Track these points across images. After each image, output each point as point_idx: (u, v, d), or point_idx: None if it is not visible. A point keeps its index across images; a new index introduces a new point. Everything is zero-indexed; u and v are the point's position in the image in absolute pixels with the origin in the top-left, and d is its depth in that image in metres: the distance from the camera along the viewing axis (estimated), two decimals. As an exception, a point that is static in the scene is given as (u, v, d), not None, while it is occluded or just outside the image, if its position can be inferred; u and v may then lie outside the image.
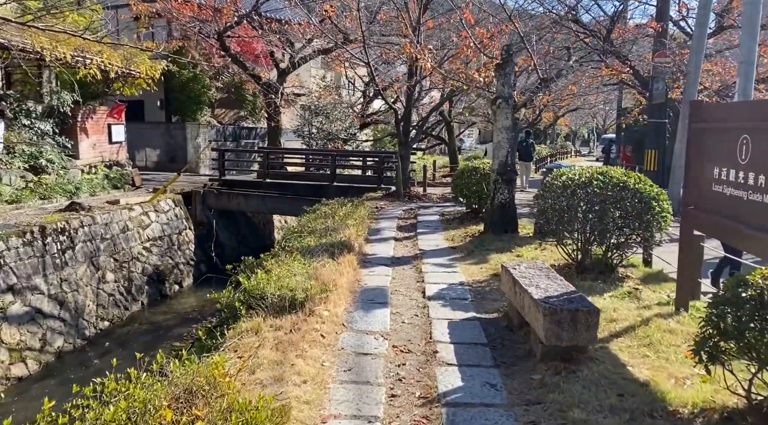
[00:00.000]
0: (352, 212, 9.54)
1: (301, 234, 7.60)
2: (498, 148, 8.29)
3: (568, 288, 4.30)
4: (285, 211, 16.85)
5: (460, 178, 10.69)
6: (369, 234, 9.04)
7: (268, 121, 21.77)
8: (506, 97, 8.17)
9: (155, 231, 13.59)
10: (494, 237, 8.22)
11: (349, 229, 7.76)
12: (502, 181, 8.24)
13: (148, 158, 23.00)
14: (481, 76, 8.61)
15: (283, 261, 6.05)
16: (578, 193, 6.04)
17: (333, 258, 6.47)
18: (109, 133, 16.05)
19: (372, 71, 12.35)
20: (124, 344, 10.61)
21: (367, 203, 12.84)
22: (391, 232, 9.39)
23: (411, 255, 7.75)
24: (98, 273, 11.34)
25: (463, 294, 5.78)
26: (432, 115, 15.81)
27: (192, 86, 21.65)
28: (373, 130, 28.28)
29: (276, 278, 5.28)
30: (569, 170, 6.44)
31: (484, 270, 6.75)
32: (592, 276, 6.05)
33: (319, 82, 25.26)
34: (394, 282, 6.32)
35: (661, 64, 14.19)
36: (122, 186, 15.95)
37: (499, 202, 8.28)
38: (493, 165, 8.39)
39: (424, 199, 14.59)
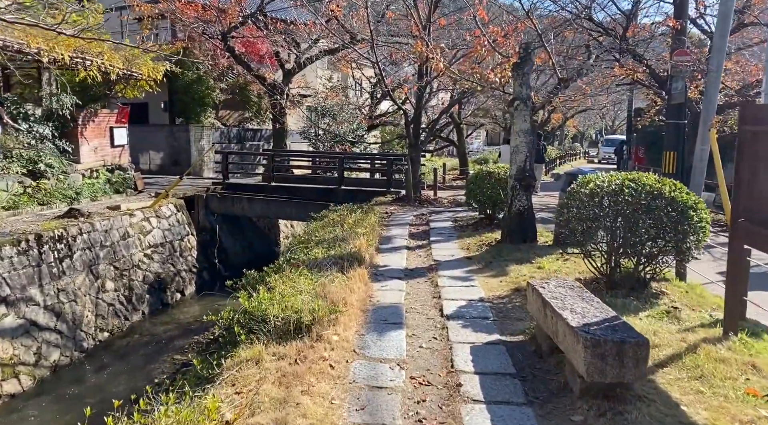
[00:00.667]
0: (362, 219, 9.08)
1: (308, 244, 7.14)
2: (515, 153, 7.81)
3: (607, 312, 3.82)
4: (291, 216, 16.42)
5: (473, 182, 10.21)
6: (380, 243, 8.57)
7: (274, 123, 21.37)
8: (524, 99, 7.69)
9: (156, 237, 13.17)
10: (512, 246, 7.74)
11: (359, 239, 7.30)
12: (521, 187, 7.76)
13: (152, 161, 22.64)
14: (497, 76, 8.13)
15: (287, 276, 5.60)
16: (608, 201, 5.55)
17: (342, 271, 6.01)
18: (111, 136, 15.66)
19: (380, 71, 11.89)
20: (124, 356, 10.19)
21: (376, 208, 12.38)
22: (403, 240, 8.92)
23: (425, 266, 7.28)
24: (97, 282, 10.92)
25: (483, 312, 5.30)
26: (442, 117, 15.33)
27: (196, 88, 21.26)
28: (381, 131, 27.83)
29: (280, 297, 4.83)
30: (596, 176, 5.95)
31: (504, 283, 6.27)
32: (623, 293, 5.56)
33: (325, 83, 24.83)
34: (409, 298, 5.85)
35: (681, 63, 13.65)
36: (124, 190, 15.55)
37: (517, 209, 7.80)
38: (511, 170, 7.91)
39: (435, 203, 14.11)
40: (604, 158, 41.11)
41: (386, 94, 16.19)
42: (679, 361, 3.97)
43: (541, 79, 25.28)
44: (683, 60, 13.93)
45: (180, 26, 20.45)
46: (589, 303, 4.03)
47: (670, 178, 14.19)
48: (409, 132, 13.58)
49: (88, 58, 12.57)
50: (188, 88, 21.32)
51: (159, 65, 15.07)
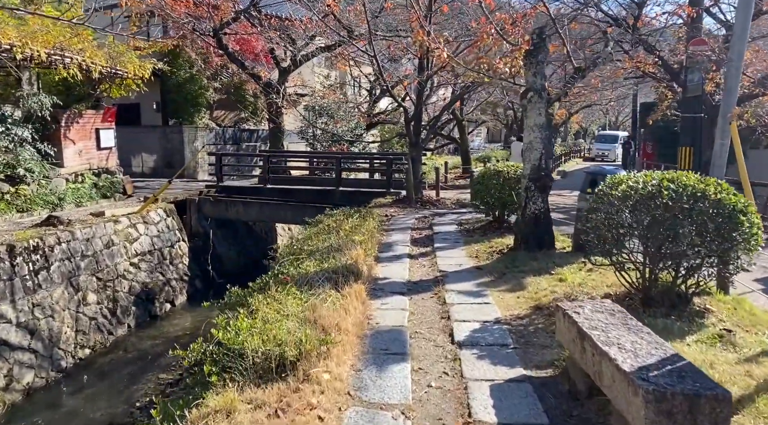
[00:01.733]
0: (360, 225, 8.32)
1: (299, 256, 6.37)
2: (529, 150, 7.04)
3: (664, 348, 3.05)
4: (287, 219, 15.66)
5: (480, 182, 9.44)
6: (379, 251, 7.81)
7: (270, 123, 20.62)
8: (539, 90, 6.92)
9: (144, 245, 12.42)
10: (527, 254, 6.97)
11: (357, 249, 6.54)
12: (536, 188, 6.99)
13: (145, 164, 21.92)
14: (507, 66, 7.36)
15: (273, 296, 4.83)
16: (644, 205, 4.79)
17: (337, 288, 5.25)
18: (97, 138, 14.90)
19: (379, 66, 11.12)
20: (106, 376, 9.43)
21: (375, 211, 11.62)
22: (405, 247, 8.16)
23: (430, 278, 6.51)
24: (78, 295, 10.16)
25: (502, 337, 4.54)
26: (444, 114, 14.56)
27: (189, 87, 20.52)
28: (380, 130, 27.05)
29: (261, 325, 4.07)
30: (628, 176, 5.18)
31: (522, 300, 5.50)
32: (662, 311, 4.80)
33: (322, 81, 24.08)
34: (413, 319, 5.09)
35: (698, 53, 12.87)
36: (112, 195, 14.81)
37: (532, 213, 7.03)
38: (524, 169, 7.14)
39: (438, 204, 13.35)
40: (598, 156, 38.88)
41: (385, 90, 15.45)
42: (751, 405, 3.20)
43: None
44: (700, 49, 13.17)
45: (171, 23, 19.72)
46: (638, 335, 3.26)
47: None
48: (409, 130, 12.81)
49: (67, 56, 11.81)
50: (181, 87, 20.58)
51: (146, 63, 14.31)
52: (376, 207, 12.82)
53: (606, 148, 38.48)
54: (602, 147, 39.08)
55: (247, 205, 15.15)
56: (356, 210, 9.99)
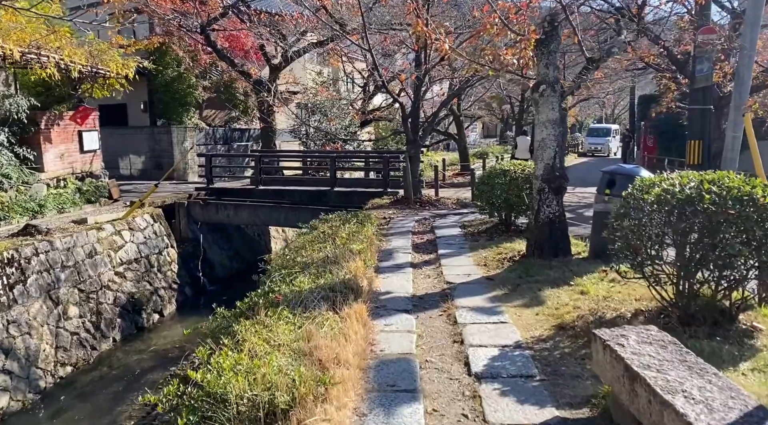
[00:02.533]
0: (357, 231, 7.72)
1: (292, 270, 5.77)
2: (542, 148, 6.45)
3: (742, 398, 2.48)
4: (280, 222, 15.05)
5: (485, 183, 8.86)
6: (380, 260, 7.22)
7: (261, 122, 19.99)
8: (552, 82, 6.34)
9: (130, 252, 11.79)
10: (541, 262, 6.39)
11: (355, 260, 5.94)
12: (550, 189, 6.41)
13: (133, 166, 21.28)
14: (514, 57, 6.76)
15: (262, 321, 4.24)
16: (682, 211, 4.21)
17: (334, 309, 4.66)
18: (80, 140, 14.24)
19: (374, 59, 10.52)
20: (88, 396, 8.83)
21: (373, 214, 11.02)
22: (407, 255, 7.57)
23: (437, 291, 5.93)
24: (58, 308, 9.54)
25: (525, 366, 3.96)
26: (442, 110, 13.97)
27: (176, 86, 19.86)
28: (374, 127, 26.44)
29: (248, 361, 3.47)
30: (661, 177, 4.60)
31: (542, 317, 4.92)
32: (704, 330, 4.23)
33: (315, 78, 23.43)
34: (422, 343, 4.50)
35: (707, 42, 12.31)
36: (97, 199, 14.16)
37: (547, 217, 6.45)
38: (536, 168, 6.56)
39: (438, 204, 12.76)
40: (590, 150, 36.89)
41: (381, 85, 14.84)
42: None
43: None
44: (709, 38, 12.61)
45: (157, 20, 19.04)
46: (704, 377, 2.68)
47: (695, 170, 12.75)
48: (407, 127, 12.21)
49: (44, 54, 11.15)
50: (168, 86, 19.93)
51: (129, 61, 13.65)
52: (373, 208, 12.23)
53: (599, 142, 36.72)
54: (594, 141, 37.12)
55: (238, 207, 14.54)
56: (353, 214, 9.39)
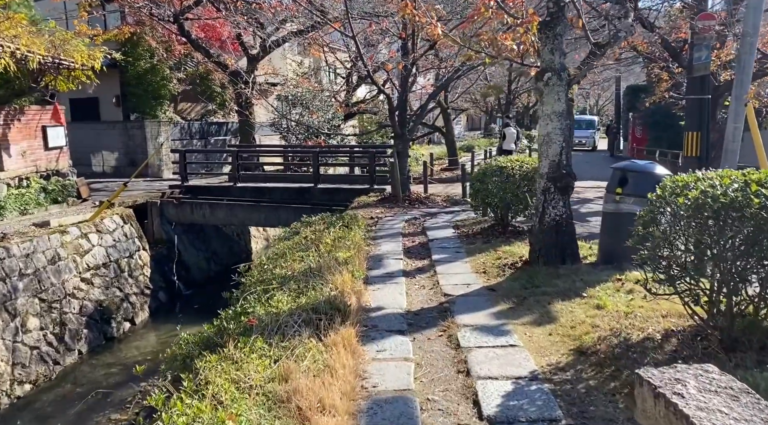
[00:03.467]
0: (343, 236, 7.02)
1: (270, 285, 5.06)
2: (547, 144, 5.81)
3: None
4: (260, 222, 14.29)
5: (480, 181, 8.21)
6: (369, 267, 6.54)
7: (239, 115, 19.15)
8: (558, 70, 5.69)
9: (97, 257, 10.97)
10: (547, 270, 5.76)
11: (342, 272, 5.25)
12: (556, 189, 5.76)
13: (106, 162, 20.32)
14: (514, 42, 6.09)
15: (231, 356, 3.54)
16: (726, 217, 3.59)
17: (318, 334, 3.98)
18: (44, 137, 13.31)
19: (358, 47, 9.79)
20: (48, 417, 8.05)
21: (360, 214, 10.34)
22: (398, 261, 6.89)
23: (434, 305, 5.27)
24: (15, 321, 8.73)
25: (547, 405, 3.31)
26: (431, 102, 13.29)
27: (150, 78, 18.93)
28: (359, 120, 25.68)
29: (210, 413, 2.78)
30: (692, 177, 3.97)
31: (556, 339, 4.28)
32: (752, 357, 3.61)
33: (296, 69, 22.60)
34: (421, 375, 3.83)
35: (706, 28, 11.76)
36: (64, 199, 13.27)
37: (553, 220, 5.81)
38: (540, 166, 5.92)
39: (428, 202, 12.10)
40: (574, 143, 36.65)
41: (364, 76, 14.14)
42: None
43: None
44: (708, 24, 12.08)
45: (128, 9, 18.08)
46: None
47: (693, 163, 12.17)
48: (393, 120, 11.52)
49: (-3, 43, 10.24)
50: (141, 79, 18.99)
51: (96, 51, 12.74)
52: (359, 207, 11.55)
53: (582, 135, 33.87)
54: (577, 133, 35.82)
55: (215, 207, 13.74)
56: (339, 216, 8.68)
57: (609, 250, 5.97)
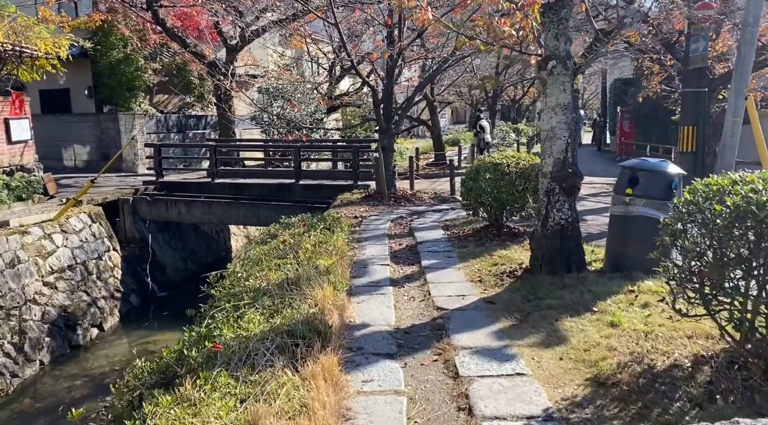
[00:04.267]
0: (325, 240, 6.42)
1: (241, 300, 4.45)
2: (550, 139, 5.25)
3: None
4: (239, 220, 13.61)
5: (472, 179, 7.65)
6: (353, 274, 5.95)
7: (218, 108, 18.40)
8: (563, 57, 5.13)
9: (62, 259, 10.26)
10: (551, 279, 5.22)
11: (322, 284, 4.66)
12: (561, 190, 5.21)
13: (78, 157, 19.46)
14: (513, 28, 5.51)
15: (187, 396, 2.93)
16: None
17: (294, 363, 3.39)
18: (6, 130, 12.54)
19: (341, 34, 9.15)
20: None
21: (343, 212, 9.75)
22: (384, 267, 6.31)
23: (426, 321, 4.70)
24: (-33, 331, 8.02)
25: (567, 457, 2.75)
26: (417, 94, 12.68)
27: (123, 69, 18.08)
28: (342, 113, 25.00)
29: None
30: (730, 180, 3.43)
31: (568, 363, 3.73)
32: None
33: (277, 60, 21.83)
34: (415, 413, 3.26)
35: (705, 18, 11.30)
36: (29, 196, 12.51)
37: (557, 224, 5.26)
38: (544, 164, 5.36)
39: (414, 199, 11.52)
40: None
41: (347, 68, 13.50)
42: None
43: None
44: (706, 14, 11.63)
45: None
46: None
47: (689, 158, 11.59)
48: (379, 113, 10.90)
49: (-50, 28, 9.47)
50: (114, 69, 18.12)
51: (61, 39, 11.97)
52: (342, 205, 10.94)
53: None
54: None
55: (191, 204, 13.04)
56: (320, 217, 8.06)
57: (617, 256, 5.45)
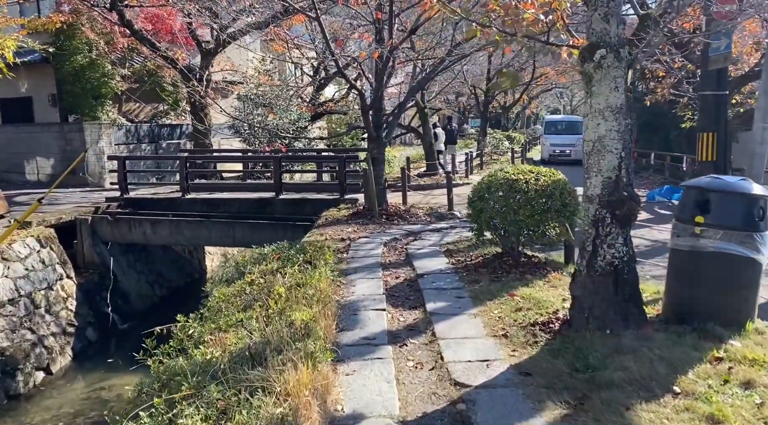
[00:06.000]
0: (304, 282, 5.09)
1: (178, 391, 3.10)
2: (598, 153, 3.99)
3: None
4: (211, 241, 12.21)
5: (482, 198, 6.37)
6: (339, 326, 4.62)
7: (192, 117, 17.06)
8: (615, 45, 3.89)
9: (2, 291, 8.83)
10: (604, 337, 3.94)
11: (298, 359, 3.33)
12: (613, 219, 3.95)
13: (41, 170, 18.00)
14: (540, 11, 4.27)
15: None
16: None
17: None
18: (-53, 142, 11.06)
19: (323, 29, 7.87)
20: None
21: (328, 233, 8.46)
22: (380, 314, 4.99)
23: (442, 407, 3.39)
24: None
25: None
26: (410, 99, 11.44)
27: (88, 75, 16.65)
28: (327, 121, 23.71)
29: None
30: None
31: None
32: None
33: (257, 66, 20.50)
34: None
35: (725, 14, 10.19)
36: (-26, 217, 11.03)
37: (608, 263, 3.99)
38: (589, 185, 4.09)
39: (408, 216, 10.23)
40: (552, 155, 23.72)
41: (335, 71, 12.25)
42: None
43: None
44: (727, 9, 10.54)
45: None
46: None
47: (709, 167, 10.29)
48: (367, 120, 9.62)
49: None
50: (79, 75, 16.72)
51: (7, 40, 10.58)
52: (327, 225, 9.63)
53: (564, 143, 23.99)
54: (557, 141, 24.34)
55: (157, 223, 11.65)
56: (300, 247, 6.71)
57: (683, 304, 4.19)
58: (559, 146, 24.07)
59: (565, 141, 24.09)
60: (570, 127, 25.35)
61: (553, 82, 28.98)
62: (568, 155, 23.46)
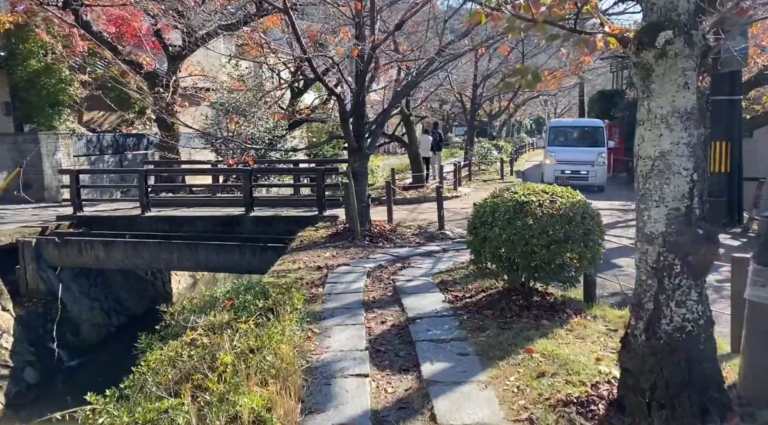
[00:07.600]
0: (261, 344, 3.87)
1: None
2: (659, 175, 2.88)
3: None
4: (172, 265, 10.90)
5: (485, 224, 5.24)
6: (307, 408, 3.44)
7: (159, 126, 15.82)
8: (684, 26, 2.80)
9: None
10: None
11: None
12: (684, 266, 2.85)
13: (-7, 184, 16.47)
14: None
15: None
16: None
17: None
18: None
19: (293, 22, 6.72)
20: None
21: (302, 259, 7.30)
22: (361, 382, 3.82)
23: None
24: None
25: None
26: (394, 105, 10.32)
27: (44, 81, 15.32)
28: (307, 128, 22.49)
29: None
30: None
31: None
32: None
33: (231, 72, 19.27)
34: None
35: (741, 10, 9.28)
36: None
37: (678, 328, 2.88)
38: (647, 220, 2.97)
39: (394, 237, 9.07)
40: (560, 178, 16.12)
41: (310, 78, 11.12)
42: None
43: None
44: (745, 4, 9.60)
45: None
46: None
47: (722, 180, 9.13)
48: (348, 130, 8.46)
49: None
50: (33, 81, 15.36)
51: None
52: (302, 249, 8.44)
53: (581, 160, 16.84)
54: (571, 157, 16.96)
55: (111, 245, 10.36)
56: (260, 289, 5.45)
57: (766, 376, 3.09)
58: (571, 164, 16.82)
59: (581, 157, 16.81)
60: (586, 136, 17.92)
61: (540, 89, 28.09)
62: (584, 177, 16.55)
